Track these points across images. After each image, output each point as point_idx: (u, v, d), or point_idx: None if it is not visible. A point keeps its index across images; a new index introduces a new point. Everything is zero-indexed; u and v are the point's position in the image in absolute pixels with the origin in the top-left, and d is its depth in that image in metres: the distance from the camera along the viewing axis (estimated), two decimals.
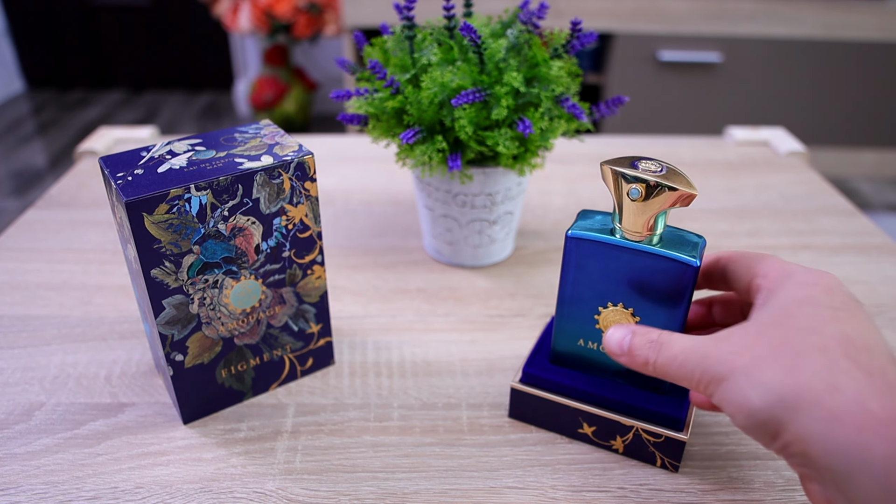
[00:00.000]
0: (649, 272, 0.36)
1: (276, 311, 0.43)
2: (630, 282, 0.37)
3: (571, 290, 0.39)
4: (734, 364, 0.30)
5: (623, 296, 0.37)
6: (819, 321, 0.29)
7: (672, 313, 0.37)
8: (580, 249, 0.37)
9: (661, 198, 0.34)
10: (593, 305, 0.39)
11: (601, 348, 0.39)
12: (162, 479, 0.39)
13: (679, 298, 0.36)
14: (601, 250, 0.37)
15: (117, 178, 0.36)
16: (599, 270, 0.37)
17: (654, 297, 0.37)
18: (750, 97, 2.19)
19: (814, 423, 0.27)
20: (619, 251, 0.36)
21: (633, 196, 0.35)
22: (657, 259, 0.36)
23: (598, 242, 0.37)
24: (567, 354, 0.41)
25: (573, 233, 0.37)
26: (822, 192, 0.75)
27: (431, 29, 0.53)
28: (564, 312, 0.40)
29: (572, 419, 0.42)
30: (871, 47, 2.09)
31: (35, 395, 0.45)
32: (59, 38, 3.11)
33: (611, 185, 0.35)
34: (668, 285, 0.36)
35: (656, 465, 0.40)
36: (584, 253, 0.37)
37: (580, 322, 0.40)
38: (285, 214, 0.40)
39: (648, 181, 0.34)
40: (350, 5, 2.06)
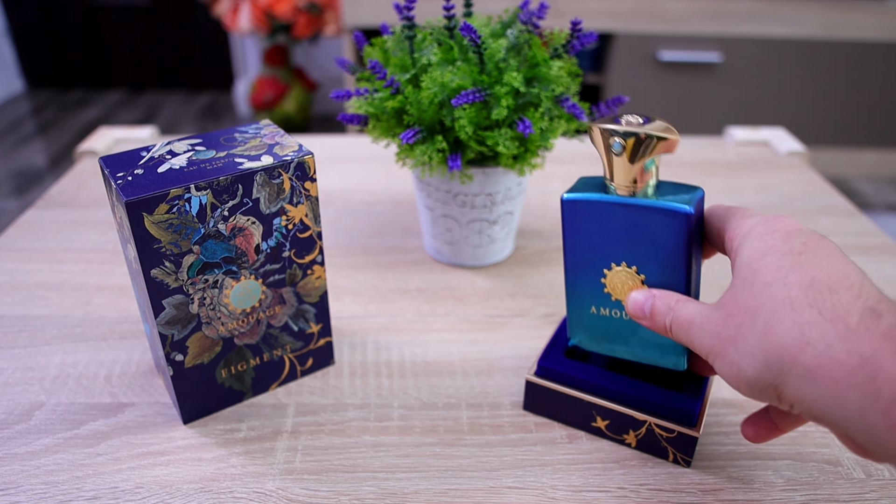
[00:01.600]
0: (644, 226, 0.36)
1: (276, 311, 0.43)
2: (628, 239, 0.36)
3: (574, 255, 0.39)
4: (722, 337, 0.30)
5: (624, 254, 0.37)
6: (782, 271, 0.28)
7: (674, 268, 0.36)
8: (576, 212, 0.37)
9: (643, 148, 0.34)
10: (598, 268, 0.38)
11: (613, 313, 0.39)
12: (162, 479, 0.39)
13: (677, 251, 0.35)
14: (596, 209, 0.37)
15: (117, 177, 0.36)
16: (598, 231, 0.37)
17: (653, 253, 0.36)
18: (750, 97, 2.19)
19: (799, 382, 0.26)
20: (613, 207, 0.36)
21: (615, 150, 0.35)
22: (649, 211, 0.35)
23: (591, 202, 0.37)
24: (583, 328, 0.41)
25: (567, 196, 0.37)
26: (822, 192, 0.75)
27: (431, 29, 0.53)
28: (572, 280, 0.40)
29: (586, 413, 0.42)
30: (871, 47, 2.09)
31: (35, 395, 0.45)
32: (59, 38, 3.11)
33: (598, 144, 0.36)
34: (665, 237, 0.35)
35: (668, 459, 0.41)
36: (581, 215, 0.37)
37: (588, 288, 0.39)
38: (285, 214, 0.40)
39: (629, 133, 0.34)
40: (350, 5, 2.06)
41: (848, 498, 0.38)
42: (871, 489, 0.39)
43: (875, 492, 0.39)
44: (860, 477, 0.40)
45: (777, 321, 0.27)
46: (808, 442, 0.42)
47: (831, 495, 0.39)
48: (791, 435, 0.43)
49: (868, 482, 0.39)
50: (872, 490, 0.39)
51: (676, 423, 0.39)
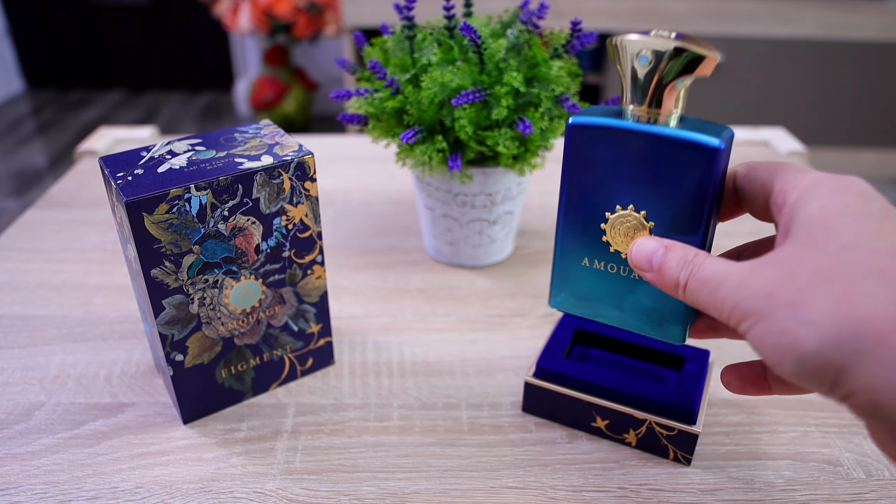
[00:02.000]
0: (664, 161, 0.30)
1: (276, 311, 0.43)
2: (642, 176, 0.31)
3: (573, 193, 0.33)
4: (775, 298, 0.24)
5: (634, 195, 0.31)
6: (865, 234, 0.24)
7: (692, 217, 0.30)
8: (584, 139, 0.31)
9: (675, 64, 0.29)
10: (599, 211, 0.32)
11: (609, 267, 0.33)
12: (162, 479, 0.39)
13: (701, 194, 0.30)
14: (608, 136, 0.31)
15: (117, 178, 0.36)
16: (606, 165, 0.31)
17: (670, 195, 0.30)
18: (750, 97, 2.19)
19: (882, 368, 0.22)
20: (629, 136, 0.30)
21: (642, 63, 0.30)
22: (672, 143, 0.30)
23: (603, 127, 0.31)
24: (569, 285, 0.35)
25: (575, 120, 0.32)
26: None
27: (431, 29, 0.53)
28: (565, 225, 0.34)
29: (585, 413, 0.42)
30: (871, 47, 2.09)
31: (35, 395, 0.45)
32: (59, 38, 3.11)
33: (622, 58, 0.30)
34: (687, 176, 0.30)
35: (669, 458, 0.41)
36: (588, 143, 0.31)
37: (584, 235, 0.33)
38: (285, 214, 0.40)
39: (659, 47, 0.29)
40: (350, 5, 2.06)
41: (848, 498, 0.38)
42: (872, 489, 0.39)
43: (875, 492, 0.39)
44: (860, 477, 0.40)
45: (862, 292, 0.23)
46: (808, 442, 0.42)
47: (831, 495, 0.39)
48: (791, 435, 0.43)
49: (868, 482, 0.39)
50: (872, 490, 0.39)
51: (676, 421, 0.39)
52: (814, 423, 0.44)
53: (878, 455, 0.41)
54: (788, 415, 0.44)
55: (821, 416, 0.44)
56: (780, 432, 0.43)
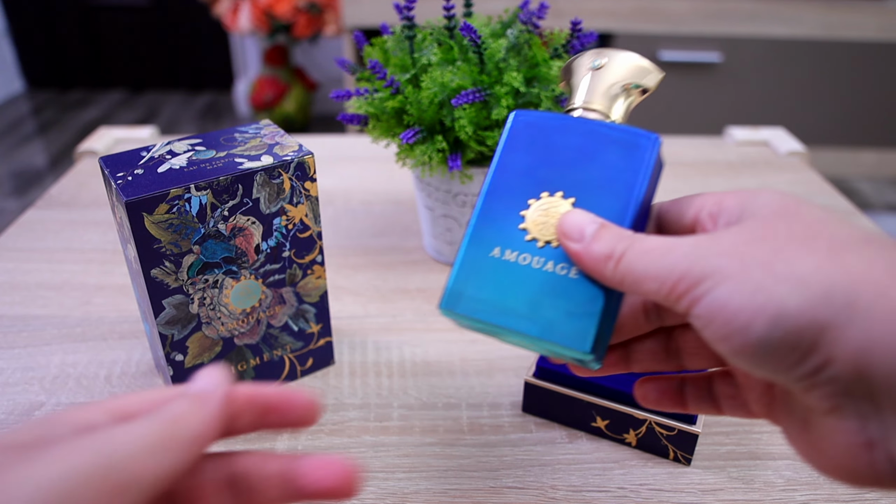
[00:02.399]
0: (602, 149, 0.30)
1: (276, 311, 0.43)
2: (578, 164, 0.30)
3: (501, 177, 0.31)
4: (746, 256, 0.21)
5: (566, 181, 0.30)
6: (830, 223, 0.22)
7: (626, 206, 0.29)
8: (527, 125, 0.31)
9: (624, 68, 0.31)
10: (522, 197, 0.30)
11: (521, 259, 0.29)
12: None
13: (635, 183, 0.29)
14: (551, 124, 0.31)
15: (117, 177, 0.36)
16: (542, 153, 0.31)
17: (603, 182, 0.29)
18: (750, 97, 2.19)
19: (879, 324, 0.19)
20: (573, 123, 0.30)
21: (595, 66, 0.31)
22: (614, 132, 0.30)
23: (548, 115, 0.31)
24: (474, 278, 0.29)
25: (521, 111, 0.32)
26: (822, 192, 0.75)
27: (431, 29, 0.53)
28: (484, 210, 0.30)
29: (585, 413, 0.42)
30: (871, 47, 2.09)
31: (35, 395, 0.45)
32: (59, 38, 3.11)
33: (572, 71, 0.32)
34: (623, 165, 0.29)
35: (669, 458, 0.41)
36: (530, 130, 0.31)
37: (501, 222, 0.30)
38: (285, 214, 0.40)
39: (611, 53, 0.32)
40: (350, 5, 2.06)
41: (848, 498, 0.38)
42: (871, 489, 0.39)
43: (875, 492, 0.39)
44: None
45: (849, 250, 0.21)
46: None
47: (831, 495, 0.39)
48: None
49: None
50: (872, 490, 0.39)
51: (676, 421, 0.39)
52: None
53: None
54: None
55: None
56: (779, 432, 0.43)
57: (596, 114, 0.31)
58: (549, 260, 0.28)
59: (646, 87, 0.32)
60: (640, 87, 0.32)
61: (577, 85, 0.32)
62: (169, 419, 0.19)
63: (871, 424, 0.20)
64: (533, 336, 0.28)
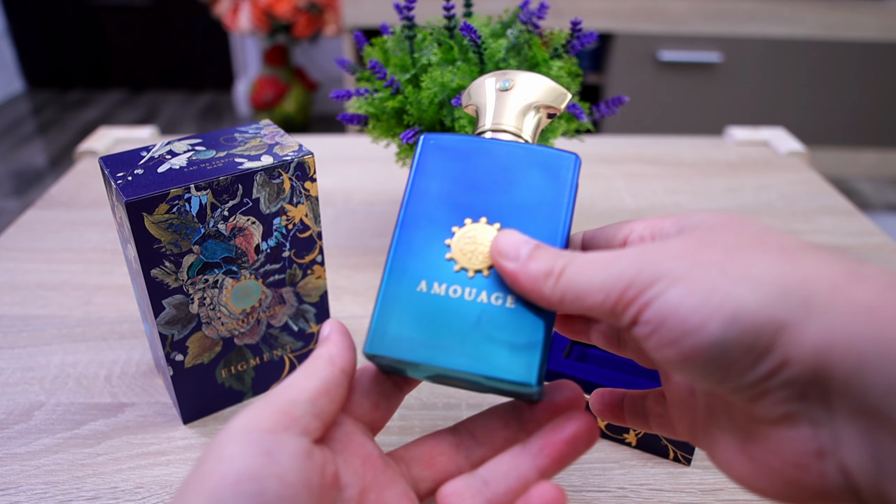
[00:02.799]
0: (522, 171, 0.29)
1: (276, 311, 0.43)
2: (498, 187, 0.28)
3: (416, 206, 0.29)
4: (698, 258, 0.21)
5: (488, 206, 0.28)
6: (776, 233, 0.22)
7: (553, 226, 0.27)
8: (438, 149, 0.29)
9: (534, 88, 0.31)
10: (444, 226, 0.28)
11: (452, 291, 0.27)
12: (162, 479, 0.39)
13: (558, 204, 0.28)
14: (465, 147, 0.29)
15: (117, 177, 0.36)
16: (458, 177, 0.29)
17: (527, 205, 0.28)
18: (750, 97, 2.19)
19: (838, 322, 0.18)
20: (488, 145, 0.29)
21: (503, 87, 0.31)
22: (532, 153, 0.29)
23: (460, 137, 0.30)
24: (400, 316, 0.27)
25: (429, 134, 0.30)
26: (822, 192, 0.75)
27: (431, 29, 0.53)
28: (403, 242, 0.28)
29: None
30: (871, 47, 2.10)
31: (35, 395, 0.45)
32: (59, 38, 3.11)
33: (478, 91, 0.32)
34: (547, 187, 0.28)
35: (669, 458, 0.41)
36: (442, 154, 0.29)
37: (423, 254, 0.28)
38: (285, 214, 0.40)
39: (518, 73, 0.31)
40: (350, 5, 2.06)
41: None
42: None
43: None
44: None
45: (802, 253, 0.20)
46: None
47: None
48: None
49: None
50: None
51: None
52: None
53: None
54: None
55: None
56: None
57: (508, 135, 0.30)
58: (481, 290, 0.26)
59: (556, 108, 0.31)
60: (551, 108, 0.31)
61: (483, 106, 0.31)
62: (307, 360, 0.26)
63: (823, 431, 0.19)
64: (472, 373, 0.25)
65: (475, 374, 0.25)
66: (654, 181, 0.77)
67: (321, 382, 0.25)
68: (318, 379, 0.25)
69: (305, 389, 0.24)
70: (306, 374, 0.25)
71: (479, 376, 0.25)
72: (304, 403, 0.24)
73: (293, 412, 0.23)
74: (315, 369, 0.25)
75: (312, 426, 0.24)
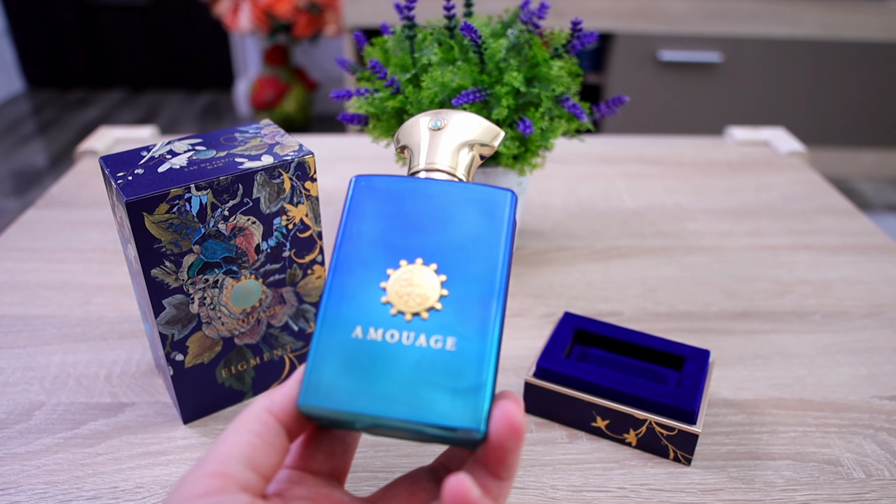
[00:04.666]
0: (457, 210, 0.28)
1: (276, 310, 0.43)
2: (433, 228, 0.28)
3: (351, 249, 0.28)
4: None
5: (423, 248, 0.28)
6: None
7: (488, 262, 0.27)
8: (370, 191, 0.29)
9: (468, 127, 0.31)
10: (379, 268, 0.27)
11: (389, 336, 0.26)
12: (162, 479, 0.39)
13: (496, 241, 0.27)
14: (398, 188, 0.29)
15: (117, 177, 0.36)
16: (392, 218, 0.28)
17: (464, 244, 0.28)
18: (750, 97, 2.19)
19: None
20: (422, 185, 0.29)
21: (435, 126, 0.31)
22: (467, 191, 0.29)
23: (393, 178, 0.29)
24: (335, 364, 0.26)
25: (360, 175, 0.30)
26: (822, 192, 0.75)
27: (432, 29, 0.53)
28: (336, 286, 0.27)
29: (586, 413, 0.42)
30: (871, 47, 2.10)
31: (35, 394, 0.45)
32: (60, 37, 3.11)
33: (410, 131, 0.32)
34: (482, 224, 0.28)
35: (669, 458, 0.41)
36: (374, 195, 0.29)
37: (358, 298, 0.27)
38: (285, 214, 0.40)
39: (446, 115, 0.32)
40: (350, 5, 2.05)
41: (848, 498, 0.38)
42: (872, 489, 0.39)
43: (875, 492, 0.39)
44: (860, 477, 0.40)
45: None
46: (808, 442, 0.42)
47: (831, 495, 0.39)
48: (791, 435, 0.43)
49: (868, 482, 0.39)
50: (873, 490, 0.39)
51: (676, 421, 0.39)
52: (814, 423, 0.44)
53: (878, 455, 0.41)
54: (788, 415, 0.44)
55: (821, 416, 0.44)
56: (780, 432, 0.43)
57: (442, 174, 0.30)
58: (420, 333, 0.26)
59: (491, 146, 0.31)
60: (486, 146, 0.31)
61: (417, 146, 0.31)
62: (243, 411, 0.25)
63: None
64: (413, 421, 0.24)
65: (416, 421, 0.24)
66: (654, 181, 0.77)
67: (255, 436, 0.24)
68: (252, 432, 0.24)
69: (239, 444, 0.24)
70: (238, 428, 0.24)
71: (420, 424, 0.24)
72: (239, 459, 0.23)
73: (228, 471, 0.23)
74: (248, 421, 0.25)
75: (253, 481, 0.23)
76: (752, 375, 0.48)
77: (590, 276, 0.59)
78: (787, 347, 0.51)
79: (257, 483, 0.23)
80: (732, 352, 0.50)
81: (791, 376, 0.48)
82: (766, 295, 0.57)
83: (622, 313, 0.54)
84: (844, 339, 0.52)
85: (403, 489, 0.28)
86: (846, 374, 0.48)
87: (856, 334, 0.52)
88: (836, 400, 0.46)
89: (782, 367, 0.49)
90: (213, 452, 0.23)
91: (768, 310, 0.55)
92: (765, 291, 0.58)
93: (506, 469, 0.24)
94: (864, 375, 0.48)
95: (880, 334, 0.53)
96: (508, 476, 0.24)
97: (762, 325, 0.53)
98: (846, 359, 0.50)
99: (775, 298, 0.57)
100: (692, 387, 0.41)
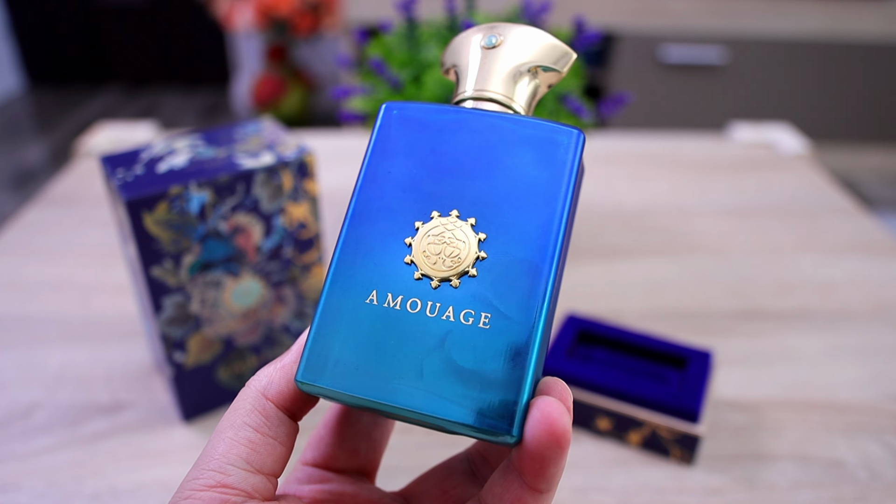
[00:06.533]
0: (509, 151, 0.22)
1: (276, 310, 0.43)
2: (477, 170, 0.22)
3: (371, 195, 0.22)
4: None
5: (461, 195, 0.22)
6: None
7: (543, 220, 0.21)
8: (401, 126, 0.23)
9: (529, 46, 0.24)
10: (405, 220, 0.22)
11: (410, 306, 0.21)
12: (162, 478, 0.39)
13: (553, 193, 0.21)
14: (436, 123, 0.23)
15: (117, 176, 0.36)
16: (426, 159, 0.23)
17: (513, 195, 0.22)
18: (755, 96, 2.18)
19: None
20: (466, 119, 0.23)
21: (489, 43, 0.24)
22: (523, 127, 0.22)
23: (433, 109, 0.23)
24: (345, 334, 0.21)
25: (391, 104, 0.24)
26: (826, 191, 0.75)
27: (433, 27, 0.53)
28: (350, 240, 0.22)
29: (588, 413, 0.42)
30: (876, 46, 2.09)
31: (35, 395, 0.45)
32: (59, 36, 3.11)
33: (459, 49, 0.25)
34: (539, 171, 0.22)
35: (672, 458, 0.40)
36: (406, 133, 0.23)
37: (377, 254, 0.22)
38: (286, 213, 0.40)
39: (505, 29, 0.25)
40: (351, 3, 2.05)
41: (852, 499, 0.38)
42: (876, 490, 0.39)
43: (879, 492, 0.39)
44: (865, 478, 0.40)
45: None
46: (812, 443, 0.42)
47: (836, 496, 0.38)
48: (795, 435, 0.43)
49: (872, 483, 0.39)
50: (877, 491, 0.39)
51: (680, 421, 0.39)
52: (818, 423, 0.44)
53: (882, 456, 0.41)
54: (792, 415, 0.44)
55: (825, 416, 0.44)
56: (783, 433, 0.43)
57: (495, 104, 0.24)
58: (448, 305, 0.20)
59: (557, 70, 0.25)
60: (551, 71, 0.24)
61: (465, 68, 0.25)
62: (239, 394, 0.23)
63: None
64: (429, 414, 0.19)
65: (432, 415, 0.19)
66: (657, 180, 0.76)
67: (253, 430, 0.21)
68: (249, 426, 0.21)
69: (235, 444, 0.20)
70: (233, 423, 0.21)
71: (437, 419, 0.19)
72: (238, 462, 0.20)
73: (227, 480, 0.20)
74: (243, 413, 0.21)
75: (258, 484, 0.20)
76: (755, 376, 0.48)
77: (592, 276, 0.59)
78: (791, 348, 0.51)
79: (264, 485, 0.20)
80: (736, 352, 0.50)
81: (795, 377, 0.48)
82: (770, 295, 0.57)
83: (625, 314, 0.54)
84: (849, 340, 0.52)
85: (435, 485, 0.25)
86: (851, 375, 0.48)
87: (860, 335, 0.52)
88: (840, 400, 0.46)
89: (786, 368, 0.48)
90: (208, 457, 0.20)
91: (772, 310, 0.55)
92: (769, 291, 0.57)
93: (545, 481, 0.19)
94: (869, 376, 0.48)
95: (885, 335, 0.52)
96: (548, 488, 0.20)
97: (766, 325, 0.53)
98: (851, 359, 0.50)
99: (779, 298, 0.56)
100: (695, 387, 0.40)
